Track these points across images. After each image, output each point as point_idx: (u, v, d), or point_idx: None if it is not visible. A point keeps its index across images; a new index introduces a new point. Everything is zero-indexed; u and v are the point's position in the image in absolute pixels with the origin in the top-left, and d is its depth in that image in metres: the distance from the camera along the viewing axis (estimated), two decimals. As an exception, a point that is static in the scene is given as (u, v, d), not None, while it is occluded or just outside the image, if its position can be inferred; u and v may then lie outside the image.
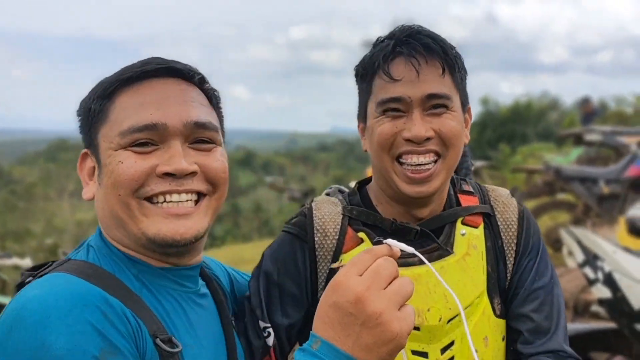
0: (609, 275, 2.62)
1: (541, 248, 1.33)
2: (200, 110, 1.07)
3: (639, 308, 2.55)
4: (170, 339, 0.97)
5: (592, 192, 6.75)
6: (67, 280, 0.94)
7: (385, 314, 0.84)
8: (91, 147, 1.08)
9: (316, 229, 1.28)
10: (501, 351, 1.29)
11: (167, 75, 1.07)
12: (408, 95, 1.19)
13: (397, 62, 1.21)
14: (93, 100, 1.06)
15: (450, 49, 1.22)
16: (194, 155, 1.05)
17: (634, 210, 2.93)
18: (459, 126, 1.23)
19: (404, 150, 1.21)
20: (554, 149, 13.80)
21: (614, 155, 8.20)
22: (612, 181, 6.71)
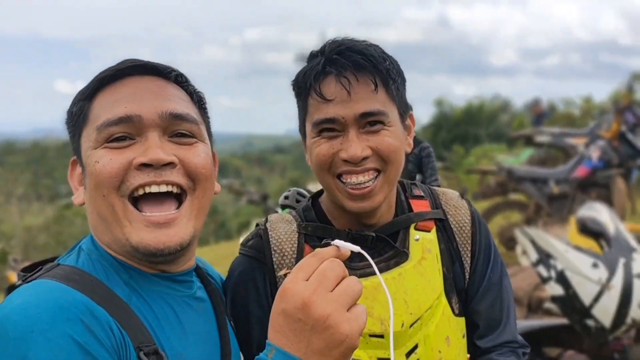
0: (561, 273, 2.69)
1: (492, 246, 1.36)
2: (178, 103, 1.06)
3: (590, 304, 2.63)
4: (156, 351, 0.95)
5: (542, 192, 6.94)
6: (51, 289, 0.92)
7: (333, 316, 0.83)
8: (76, 152, 1.07)
9: (273, 249, 1.27)
10: (462, 349, 1.32)
11: (143, 73, 1.06)
12: (341, 116, 1.17)
13: (327, 82, 1.19)
14: (75, 104, 1.05)
15: (382, 62, 1.19)
16: (174, 148, 1.03)
17: (584, 211, 3.03)
18: (396, 142, 1.21)
19: (343, 170, 1.20)
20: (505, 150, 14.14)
21: (563, 156, 8.47)
22: (561, 181, 6.92)
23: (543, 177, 7.04)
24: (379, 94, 1.19)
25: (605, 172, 6.80)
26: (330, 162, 1.20)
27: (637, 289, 2.60)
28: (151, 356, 0.93)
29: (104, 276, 1.00)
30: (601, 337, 2.73)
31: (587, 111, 14.69)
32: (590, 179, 6.86)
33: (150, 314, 1.00)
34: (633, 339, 2.88)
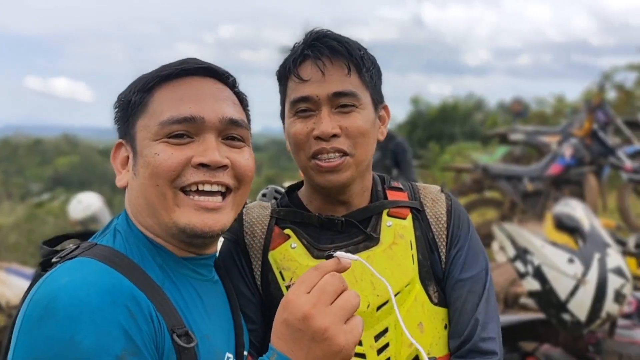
0: (538, 269, 2.74)
1: (469, 239, 1.37)
2: (233, 108, 1.15)
3: (566, 299, 2.68)
4: (187, 333, 1.01)
5: (517, 189, 7.04)
6: (98, 270, 0.98)
7: (331, 329, 0.90)
8: (127, 137, 1.13)
9: (245, 232, 1.36)
10: (443, 339, 1.33)
11: (203, 74, 1.14)
12: (315, 94, 1.26)
13: (305, 65, 1.29)
14: (133, 93, 1.12)
15: (357, 50, 1.29)
16: (226, 150, 1.11)
17: (559, 207, 3.08)
18: (366, 124, 1.29)
19: (316, 150, 1.27)
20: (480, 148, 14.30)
21: (537, 154, 8.60)
22: (535, 179, 7.03)
23: (518, 174, 7.14)
24: (351, 77, 1.28)
25: (577, 169, 6.93)
26: (304, 142, 1.28)
27: (611, 283, 2.65)
28: (183, 338, 1.00)
29: (139, 259, 1.06)
30: (577, 330, 2.79)
31: (559, 110, 14.93)
32: (563, 176, 6.99)
33: (179, 298, 1.07)
34: (607, 332, 2.94)
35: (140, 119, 1.10)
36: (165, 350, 0.98)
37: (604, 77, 12.57)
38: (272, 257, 1.33)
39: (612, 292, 2.64)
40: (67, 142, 35.32)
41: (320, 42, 1.28)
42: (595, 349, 2.94)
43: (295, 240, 1.32)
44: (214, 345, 1.10)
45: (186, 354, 1.00)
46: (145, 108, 1.10)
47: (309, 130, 1.27)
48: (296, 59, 1.29)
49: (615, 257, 2.73)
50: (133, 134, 1.11)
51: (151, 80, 1.11)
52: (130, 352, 0.91)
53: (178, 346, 0.99)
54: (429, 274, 1.33)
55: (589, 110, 7.21)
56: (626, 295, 2.69)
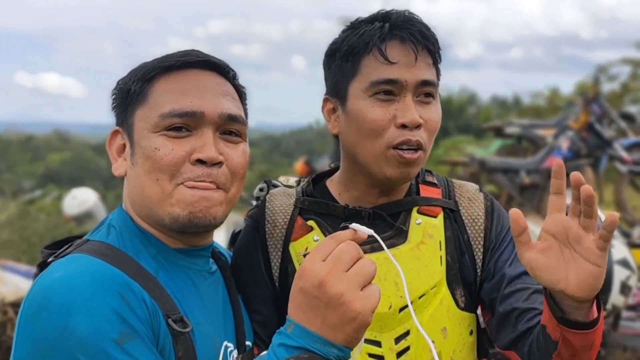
0: (543, 261, 2.71)
1: (509, 235, 1.29)
2: (233, 103, 1.14)
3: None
4: (182, 318, 1.02)
5: (514, 182, 7.04)
6: (89, 262, 1.00)
7: (346, 294, 0.90)
8: (124, 125, 1.13)
9: (267, 220, 1.31)
10: (467, 345, 1.27)
11: (204, 67, 1.14)
12: (405, 79, 1.19)
13: (393, 45, 1.20)
14: (133, 82, 1.11)
15: (437, 41, 1.24)
16: (222, 145, 1.11)
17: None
18: (440, 118, 1.25)
19: (402, 140, 1.19)
20: (474, 141, 14.32)
21: (532, 147, 8.61)
22: (532, 171, 7.02)
23: (514, 167, 7.13)
24: (433, 68, 1.24)
25: (574, 162, 6.93)
26: (385, 129, 1.19)
27: (617, 275, 2.63)
28: (178, 323, 1.01)
29: (132, 251, 1.07)
30: (581, 323, 2.77)
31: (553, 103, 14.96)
32: (560, 169, 6.98)
33: (174, 286, 1.08)
34: (611, 325, 2.93)
35: (140, 109, 1.10)
36: (160, 335, 0.99)
37: (599, 70, 12.62)
38: (293, 249, 1.27)
39: (617, 284, 2.63)
40: (58, 138, 35.09)
41: (410, 25, 1.21)
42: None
43: (318, 233, 1.27)
44: (209, 332, 1.10)
45: (182, 339, 1.01)
46: (145, 98, 1.10)
47: (390, 117, 1.19)
48: (382, 37, 1.20)
49: (621, 248, 2.72)
50: (131, 123, 1.11)
51: (152, 70, 1.11)
52: (126, 335, 0.93)
53: (173, 330, 1.00)
54: (457, 277, 1.26)
55: (585, 103, 7.21)
56: (632, 287, 2.67)
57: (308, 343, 0.91)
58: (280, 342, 0.93)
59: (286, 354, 0.91)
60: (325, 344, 0.91)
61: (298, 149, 26.04)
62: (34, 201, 15.88)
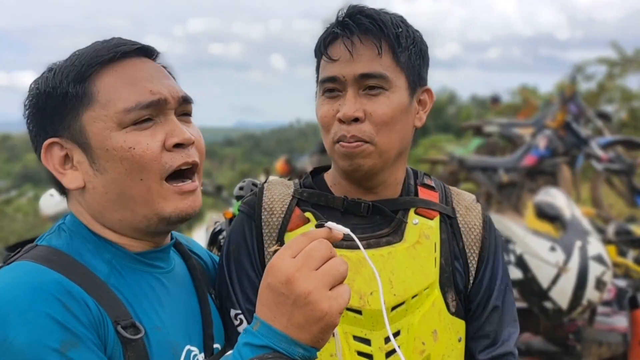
0: (521, 258, 2.75)
1: (501, 255, 1.34)
2: (177, 84, 1.11)
3: (548, 287, 2.70)
4: (134, 324, 0.98)
5: (492, 181, 7.10)
6: (27, 271, 0.95)
7: (314, 293, 0.87)
8: (64, 133, 1.04)
9: (264, 207, 1.29)
10: (456, 352, 1.27)
11: (137, 54, 1.09)
12: (342, 75, 1.21)
13: (335, 43, 1.23)
14: (68, 84, 1.03)
15: (393, 28, 1.21)
16: (185, 127, 1.08)
17: (541, 196, 3.09)
18: (394, 110, 1.21)
19: (339, 136, 1.21)
20: (454, 140, 14.41)
21: (510, 145, 8.70)
22: (510, 170, 7.09)
23: (493, 166, 7.19)
24: (383, 58, 1.20)
25: (551, 160, 7.02)
26: (330, 124, 1.23)
27: (592, 271, 2.68)
28: (129, 329, 0.97)
29: (83, 256, 1.02)
30: (558, 318, 2.81)
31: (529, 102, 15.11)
32: (538, 167, 7.07)
33: (128, 291, 1.03)
34: (587, 320, 2.97)
35: (88, 111, 1.02)
36: (109, 343, 0.95)
37: (576, 70, 12.78)
38: (288, 239, 1.25)
39: (593, 280, 2.67)
40: (35, 137, 34.56)
41: (352, 20, 1.21)
42: (575, 336, 2.98)
43: (314, 225, 1.24)
44: (167, 336, 1.05)
45: (133, 346, 0.97)
46: (91, 98, 1.02)
47: (334, 112, 1.22)
48: (327, 38, 1.24)
49: (596, 244, 2.76)
50: (79, 128, 1.03)
51: (89, 68, 1.03)
52: (70, 343, 0.89)
53: (123, 338, 0.96)
54: (450, 281, 1.26)
55: (562, 102, 7.30)
56: (607, 282, 2.72)
57: (273, 342, 0.89)
58: (245, 342, 0.90)
59: (250, 354, 0.89)
60: (291, 344, 0.89)
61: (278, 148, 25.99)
62: (10, 201, 15.61)
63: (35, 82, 1.06)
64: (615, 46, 13.48)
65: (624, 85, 13.69)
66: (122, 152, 1.01)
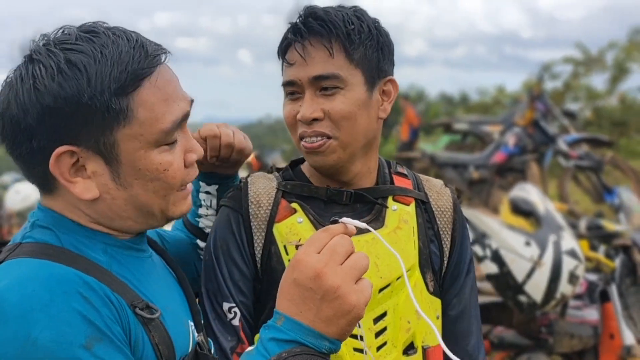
0: (496, 252, 2.78)
1: (468, 238, 1.43)
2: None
3: (522, 281, 2.74)
4: (148, 305, 0.98)
5: (463, 177, 7.20)
6: (36, 265, 0.90)
7: (343, 287, 0.89)
8: (83, 144, 0.95)
9: (250, 201, 1.31)
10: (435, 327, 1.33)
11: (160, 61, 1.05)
12: (298, 78, 1.25)
13: (291, 48, 1.28)
14: (111, 98, 0.93)
15: (343, 27, 1.23)
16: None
17: (515, 191, 3.14)
18: (351, 107, 1.24)
19: (300, 132, 1.27)
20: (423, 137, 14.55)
21: (479, 143, 8.82)
22: (480, 167, 7.20)
23: (464, 162, 7.30)
24: (335, 58, 1.23)
25: (520, 157, 7.15)
26: (293, 124, 1.28)
27: (565, 265, 2.72)
28: (145, 310, 0.97)
29: (76, 247, 0.98)
30: (532, 312, 2.86)
31: (499, 100, 15.36)
32: (507, 164, 7.19)
33: (131, 276, 1.02)
34: (559, 313, 3.03)
35: (125, 128, 0.95)
36: (131, 328, 0.94)
37: (543, 69, 13.04)
38: (277, 230, 1.29)
39: (566, 274, 2.72)
40: (-3, 131, 33.66)
41: (303, 24, 1.25)
42: (547, 329, 3.03)
43: (301, 215, 1.29)
44: (175, 314, 1.08)
45: (153, 325, 0.97)
46: (129, 115, 0.95)
47: (295, 113, 1.27)
48: (283, 42, 1.29)
49: (569, 239, 2.81)
50: (109, 143, 0.95)
51: (132, 83, 0.95)
52: (94, 338, 0.86)
53: (143, 319, 0.96)
54: (427, 262, 1.33)
55: (531, 101, 7.43)
56: (579, 276, 2.77)
57: (300, 336, 0.89)
58: (271, 337, 0.90)
59: (277, 349, 0.89)
60: (318, 337, 0.90)
61: (248, 144, 25.78)
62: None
63: (55, 81, 0.92)
64: (580, 46, 13.80)
65: (589, 84, 14.03)
66: (155, 173, 0.99)
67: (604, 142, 7.73)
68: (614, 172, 7.48)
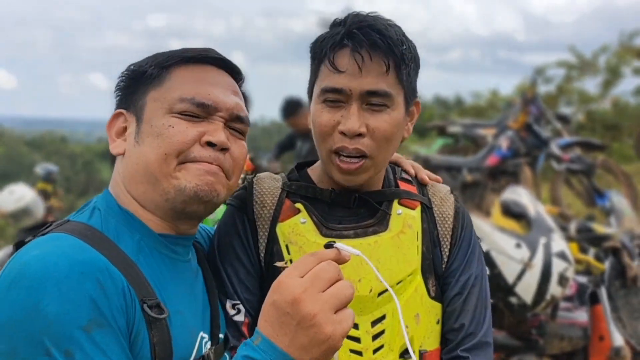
0: (487, 254, 2.81)
1: (473, 243, 1.38)
2: (242, 104, 1.19)
3: (513, 282, 2.77)
4: (159, 304, 1.00)
5: (456, 180, 7.20)
6: (70, 243, 0.96)
7: (319, 316, 0.88)
8: (131, 106, 1.15)
9: (255, 201, 1.32)
10: (435, 333, 1.33)
11: (220, 66, 1.19)
12: (349, 88, 1.21)
13: (342, 54, 1.22)
14: (150, 66, 1.14)
15: (400, 45, 1.22)
16: (230, 137, 1.15)
17: (507, 194, 3.17)
18: (394, 127, 1.25)
19: (338, 147, 1.23)
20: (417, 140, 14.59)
21: (473, 146, 8.85)
22: (474, 170, 7.21)
23: (457, 165, 7.31)
24: (389, 76, 1.22)
25: (513, 160, 7.17)
26: (329, 134, 1.24)
27: (555, 267, 2.76)
28: (154, 309, 0.99)
29: (115, 235, 1.05)
30: (522, 313, 2.88)
31: (493, 104, 15.42)
32: (500, 167, 7.21)
33: (154, 273, 1.06)
34: (549, 315, 3.06)
35: (154, 91, 1.12)
36: (136, 321, 0.97)
37: (537, 73, 13.09)
38: (280, 230, 1.29)
39: (556, 276, 2.75)
40: (-11, 132, 33.53)
41: (362, 33, 1.21)
42: (538, 331, 3.06)
43: (305, 216, 1.30)
44: (187, 321, 1.09)
45: (157, 325, 0.99)
46: (161, 82, 1.13)
47: (335, 123, 1.23)
48: (334, 45, 1.23)
49: (559, 241, 2.84)
50: (142, 104, 1.13)
51: (171, 59, 1.14)
52: (96, 322, 0.89)
53: (148, 316, 0.98)
54: (430, 267, 1.32)
55: (524, 104, 7.47)
56: (569, 278, 2.80)
57: (273, 359, 0.89)
58: (245, 354, 0.91)
59: None
60: None
61: (243, 146, 25.77)
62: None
63: (133, 63, 1.17)
64: (573, 50, 13.88)
65: (582, 88, 14.11)
66: (161, 128, 1.09)
67: (596, 146, 7.77)
68: (606, 176, 7.52)
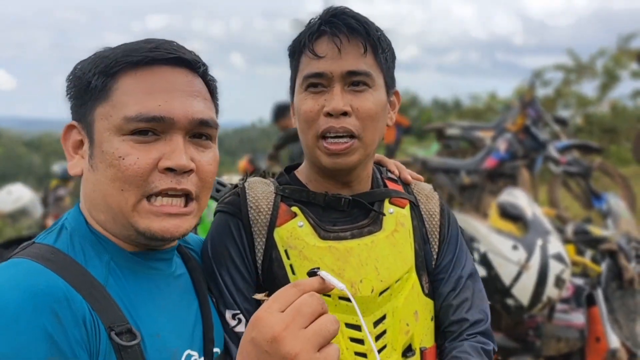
0: (484, 256, 2.82)
1: (460, 239, 1.41)
2: (204, 105, 1.07)
3: (510, 284, 2.78)
4: (130, 330, 0.94)
5: (454, 182, 7.23)
6: (28, 271, 0.91)
7: (301, 355, 0.80)
8: (82, 121, 1.04)
9: (250, 206, 1.30)
10: (430, 330, 1.34)
11: (174, 63, 1.05)
12: (330, 71, 1.24)
13: (321, 40, 1.26)
14: (94, 75, 1.02)
15: (374, 30, 1.27)
16: (192, 150, 1.04)
17: (504, 196, 3.18)
18: (377, 106, 1.27)
19: (324, 128, 1.24)
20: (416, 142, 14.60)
21: (471, 148, 8.87)
22: (472, 172, 7.23)
23: (455, 167, 7.33)
24: (367, 57, 1.25)
25: (511, 163, 7.19)
26: (314, 119, 1.26)
27: (552, 269, 2.77)
28: (123, 335, 0.93)
29: (81, 256, 0.99)
30: (519, 315, 2.89)
31: (491, 106, 15.45)
32: (498, 170, 7.23)
33: (126, 296, 1.00)
34: (546, 316, 3.07)
35: (101, 106, 1.01)
36: (100, 352, 0.91)
37: (535, 76, 13.13)
38: (278, 235, 1.28)
39: (552, 277, 2.76)
40: (-12, 133, 33.46)
41: (338, 19, 1.26)
42: (535, 332, 3.07)
43: (302, 219, 1.29)
44: (166, 343, 1.02)
45: (128, 353, 0.93)
46: (107, 95, 1.00)
47: (319, 107, 1.25)
48: (312, 34, 1.27)
49: (556, 243, 2.85)
50: (90, 121, 1.02)
51: (116, 64, 1.01)
52: (55, 359, 0.84)
53: (117, 345, 0.92)
54: (423, 264, 1.34)
55: (522, 107, 7.49)
56: (565, 280, 2.81)
57: None
58: None
59: None
60: None
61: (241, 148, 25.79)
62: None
63: (79, 62, 1.05)
64: (571, 53, 13.91)
65: (580, 91, 14.13)
66: (112, 158, 0.99)
67: (594, 149, 7.80)
68: (603, 179, 7.54)
